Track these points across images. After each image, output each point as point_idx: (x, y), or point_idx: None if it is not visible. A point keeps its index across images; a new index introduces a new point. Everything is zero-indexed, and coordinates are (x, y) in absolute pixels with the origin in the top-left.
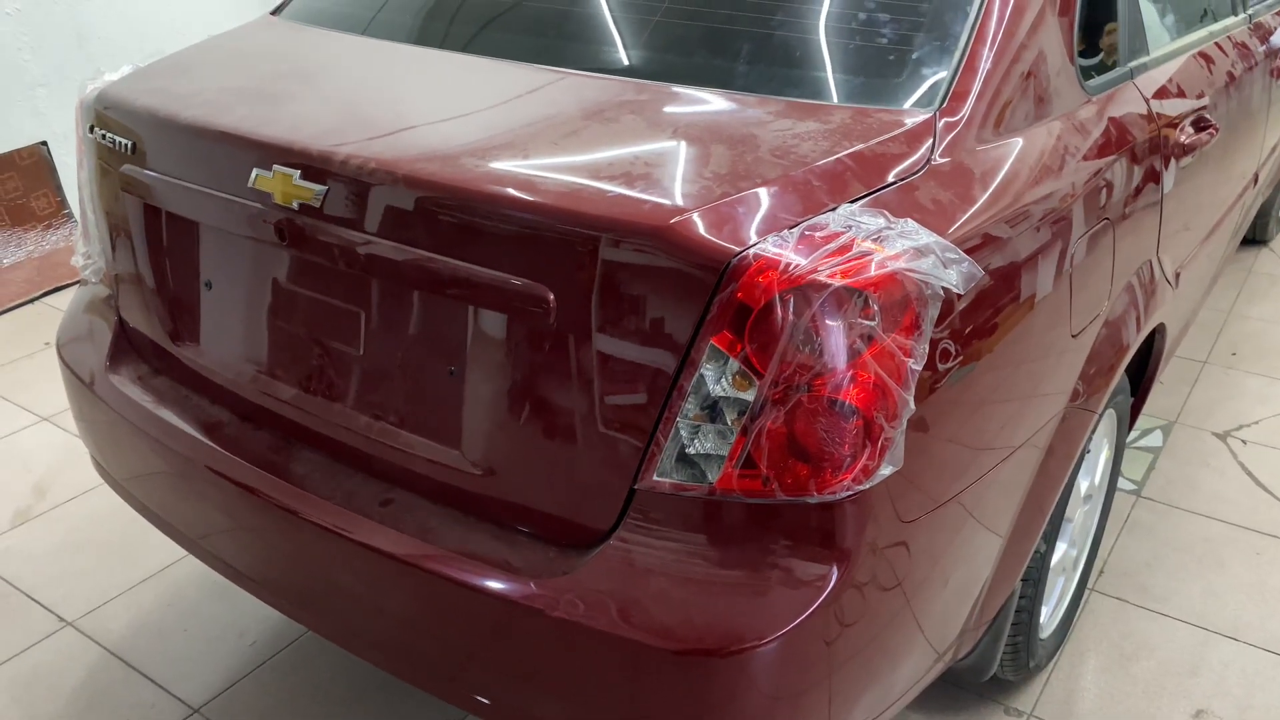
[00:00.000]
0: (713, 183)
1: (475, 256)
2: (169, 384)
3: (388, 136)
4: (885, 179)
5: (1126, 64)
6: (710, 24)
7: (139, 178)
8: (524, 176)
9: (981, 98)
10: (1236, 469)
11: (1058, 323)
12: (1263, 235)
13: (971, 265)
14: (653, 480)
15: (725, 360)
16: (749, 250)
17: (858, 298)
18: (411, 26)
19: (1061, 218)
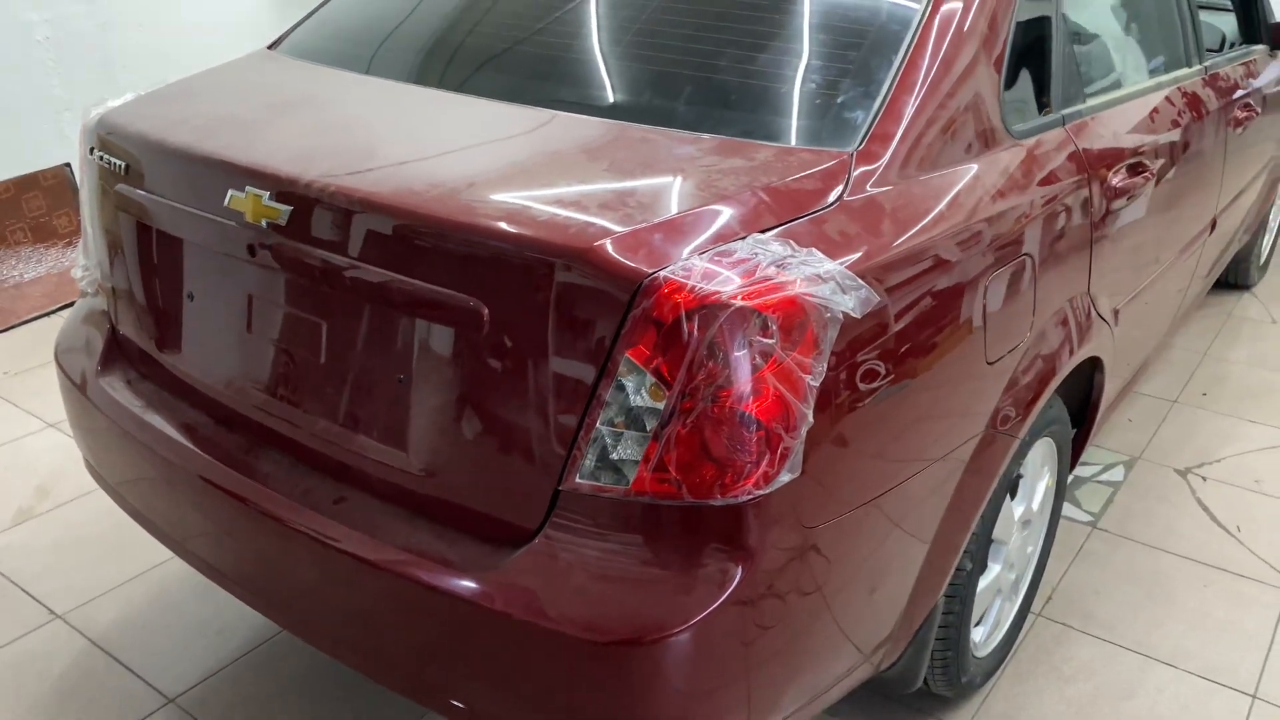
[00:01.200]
0: (636, 211)
1: (421, 274)
2: (154, 389)
3: (352, 164)
4: (797, 212)
5: (1058, 111)
6: (654, 66)
7: (132, 197)
8: (466, 202)
9: (900, 140)
10: (1194, 504)
11: (971, 350)
12: (1244, 280)
13: (869, 292)
14: (575, 482)
15: (640, 372)
16: (660, 272)
17: (758, 318)
18: (386, 63)
19: (973, 252)
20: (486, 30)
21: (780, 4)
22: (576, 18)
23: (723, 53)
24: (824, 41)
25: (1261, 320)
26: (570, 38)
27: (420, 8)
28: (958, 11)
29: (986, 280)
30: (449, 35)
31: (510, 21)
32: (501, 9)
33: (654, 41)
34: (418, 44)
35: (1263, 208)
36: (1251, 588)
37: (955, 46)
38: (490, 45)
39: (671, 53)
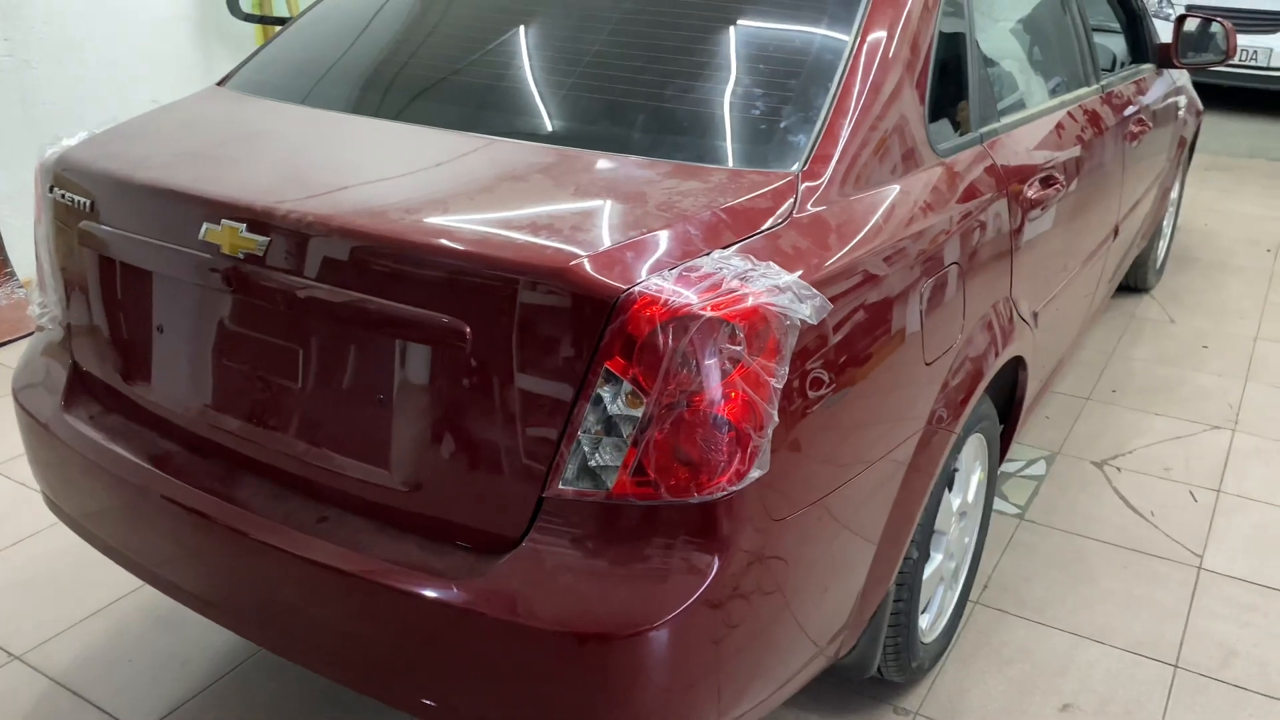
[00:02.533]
0: (607, 232)
1: (402, 297)
2: (121, 421)
3: (324, 193)
4: (753, 229)
5: (977, 130)
6: (611, 97)
7: (96, 233)
8: (445, 227)
9: (839, 160)
10: (1110, 493)
11: (911, 353)
12: (1143, 284)
13: (822, 300)
14: (558, 489)
15: (617, 382)
16: (634, 287)
17: (726, 327)
18: (346, 97)
19: (909, 262)
20: (448, 61)
21: (725, 37)
22: (537, 51)
23: (674, 82)
24: (766, 71)
25: (1161, 320)
26: (532, 70)
27: (373, 41)
28: (883, 40)
29: (922, 287)
30: (400, 68)
31: (470, 53)
32: (455, 41)
33: (613, 72)
34: (374, 76)
35: (1157, 215)
36: (1166, 566)
37: (882, 72)
38: (452, 77)
39: (629, 83)
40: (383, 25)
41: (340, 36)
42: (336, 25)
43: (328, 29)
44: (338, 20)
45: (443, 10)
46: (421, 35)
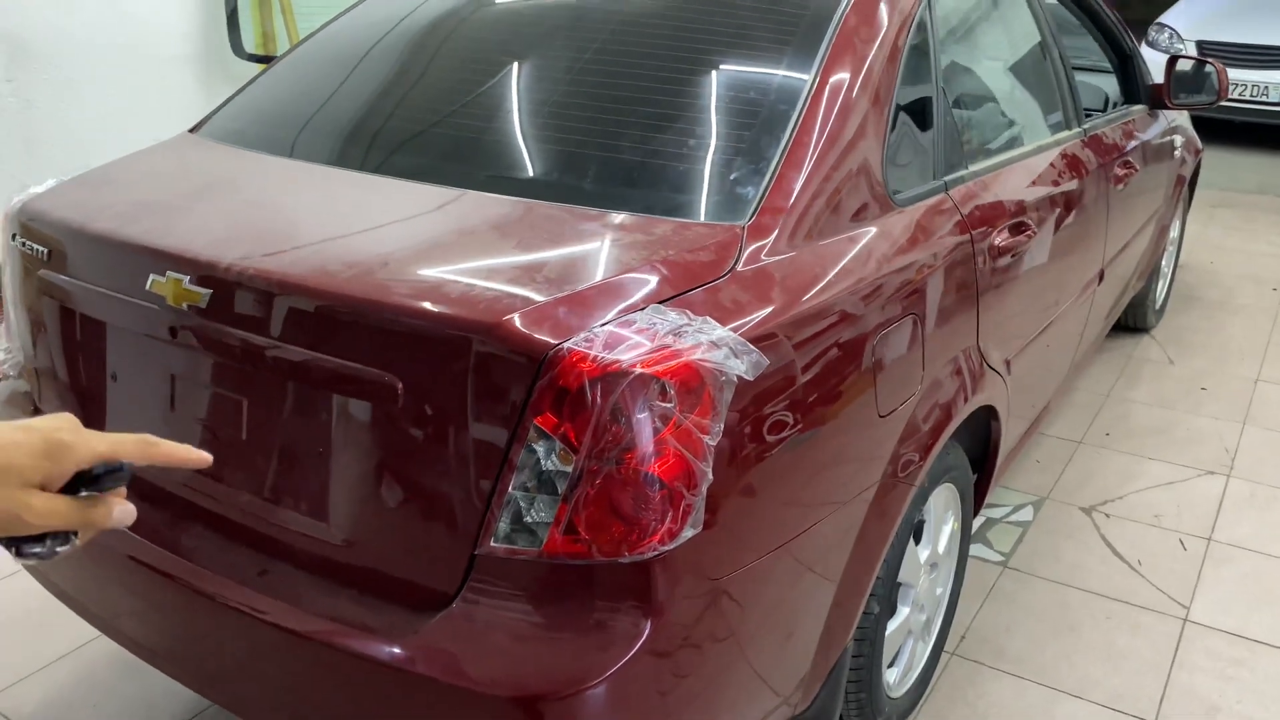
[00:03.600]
0: (542, 285)
1: (337, 350)
2: None
3: (270, 246)
4: (692, 283)
5: (941, 178)
6: (558, 146)
7: (55, 282)
8: (379, 280)
9: (787, 213)
10: (1098, 540)
11: (863, 404)
12: (1143, 324)
13: (759, 356)
14: (490, 546)
15: (548, 438)
16: (564, 343)
17: (656, 383)
18: (308, 146)
19: (859, 313)
20: (401, 113)
21: (677, 86)
22: (485, 101)
23: (623, 133)
24: (717, 121)
25: (1160, 361)
26: (480, 119)
27: (339, 92)
28: (842, 89)
29: (874, 340)
30: (365, 118)
31: (424, 104)
32: (416, 93)
33: (558, 123)
34: (335, 126)
35: (1154, 254)
36: (1150, 618)
37: (840, 122)
38: (404, 127)
39: (575, 133)
40: (347, 74)
41: (307, 86)
42: (304, 75)
43: (296, 78)
44: (305, 70)
45: (409, 62)
46: (389, 87)
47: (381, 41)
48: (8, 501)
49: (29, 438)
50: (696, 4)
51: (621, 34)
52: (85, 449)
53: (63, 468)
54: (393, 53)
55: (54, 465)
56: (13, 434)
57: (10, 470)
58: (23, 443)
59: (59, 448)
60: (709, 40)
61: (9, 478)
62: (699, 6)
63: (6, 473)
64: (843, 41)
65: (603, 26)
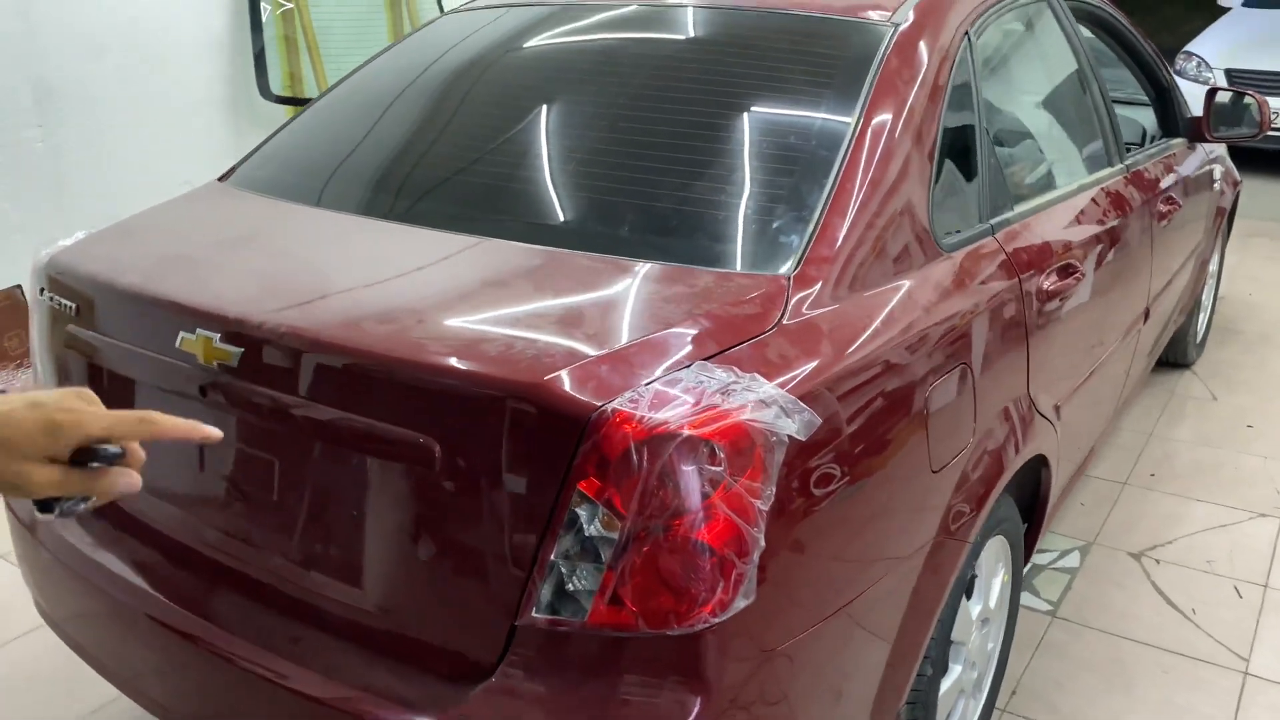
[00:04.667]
0: (583, 342)
1: (372, 411)
2: (106, 527)
3: (302, 302)
4: (738, 337)
5: (987, 221)
6: (595, 194)
7: (82, 337)
8: (414, 338)
9: (833, 262)
10: (1148, 588)
11: (915, 461)
12: (1183, 359)
13: (811, 415)
14: (531, 617)
15: (592, 504)
16: (608, 405)
17: (705, 446)
18: (339, 195)
19: (909, 365)
20: (432, 160)
21: (714, 132)
22: (517, 148)
23: (660, 180)
24: (757, 167)
25: (1203, 398)
26: (511, 167)
27: (368, 139)
28: (885, 132)
29: (926, 393)
30: (395, 166)
31: (453, 151)
32: (446, 140)
33: (593, 170)
34: (364, 174)
35: (1195, 289)
36: (1209, 671)
37: (883, 167)
38: (435, 175)
39: (610, 181)
40: (376, 121)
41: (336, 133)
42: (333, 122)
43: (325, 125)
44: (334, 117)
45: (439, 109)
46: (418, 134)
47: (410, 88)
48: (9, 474)
49: (33, 414)
50: (733, 46)
51: (656, 78)
52: (81, 430)
53: (60, 445)
54: (422, 99)
55: (52, 442)
56: (20, 410)
57: (9, 445)
58: (25, 420)
59: (57, 427)
60: (746, 83)
61: (10, 452)
62: (735, 49)
63: (6, 447)
64: (884, 83)
65: (637, 71)
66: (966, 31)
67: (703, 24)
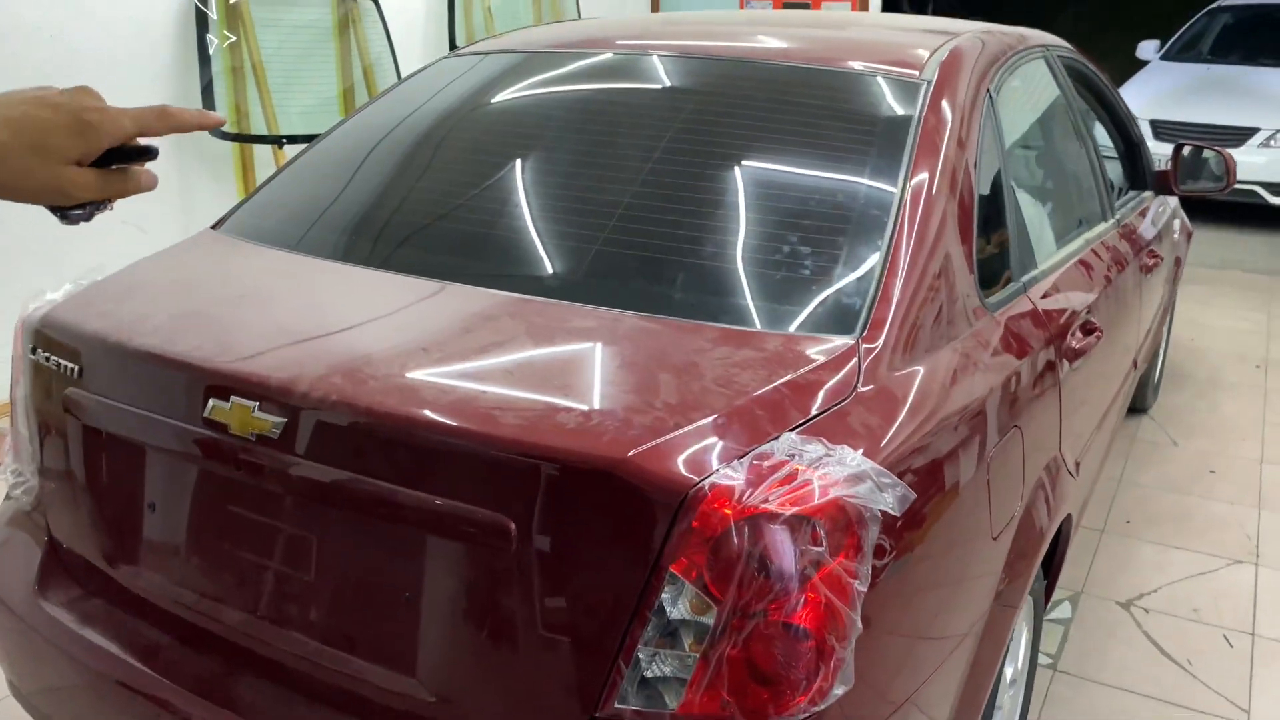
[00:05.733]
0: (664, 413)
1: (435, 487)
2: (103, 607)
3: (347, 367)
4: (819, 406)
5: (1019, 279)
6: (651, 253)
7: (83, 401)
8: (483, 408)
9: (896, 325)
10: (1142, 638)
11: (979, 530)
12: (1142, 404)
13: (905, 489)
14: (614, 708)
15: (685, 587)
16: (704, 481)
17: (806, 525)
18: (361, 247)
19: (977, 432)
20: (463, 213)
21: (767, 189)
22: (559, 200)
23: (716, 237)
24: (812, 228)
25: (1164, 443)
26: (555, 220)
27: (382, 188)
28: (930, 192)
29: (988, 458)
30: (418, 217)
31: (483, 203)
32: (472, 190)
33: (651, 226)
34: (384, 226)
35: (1158, 336)
36: None
37: (932, 226)
38: (464, 227)
39: (669, 238)
40: (399, 164)
41: (347, 180)
42: (345, 164)
43: (336, 168)
44: (346, 158)
45: (465, 154)
46: (441, 183)
47: (422, 133)
48: (54, 179)
49: (60, 117)
50: (772, 101)
51: (700, 133)
52: (114, 126)
53: (94, 146)
54: (438, 145)
55: (86, 144)
56: (44, 111)
57: (50, 149)
58: (58, 123)
59: (89, 128)
60: (790, 141)
61: (51, 155)
62: (775, 104)
63: (48, 151)
64: (925, 141)
65: (678, 126)
66: (988, 89)
67: (738, 78)
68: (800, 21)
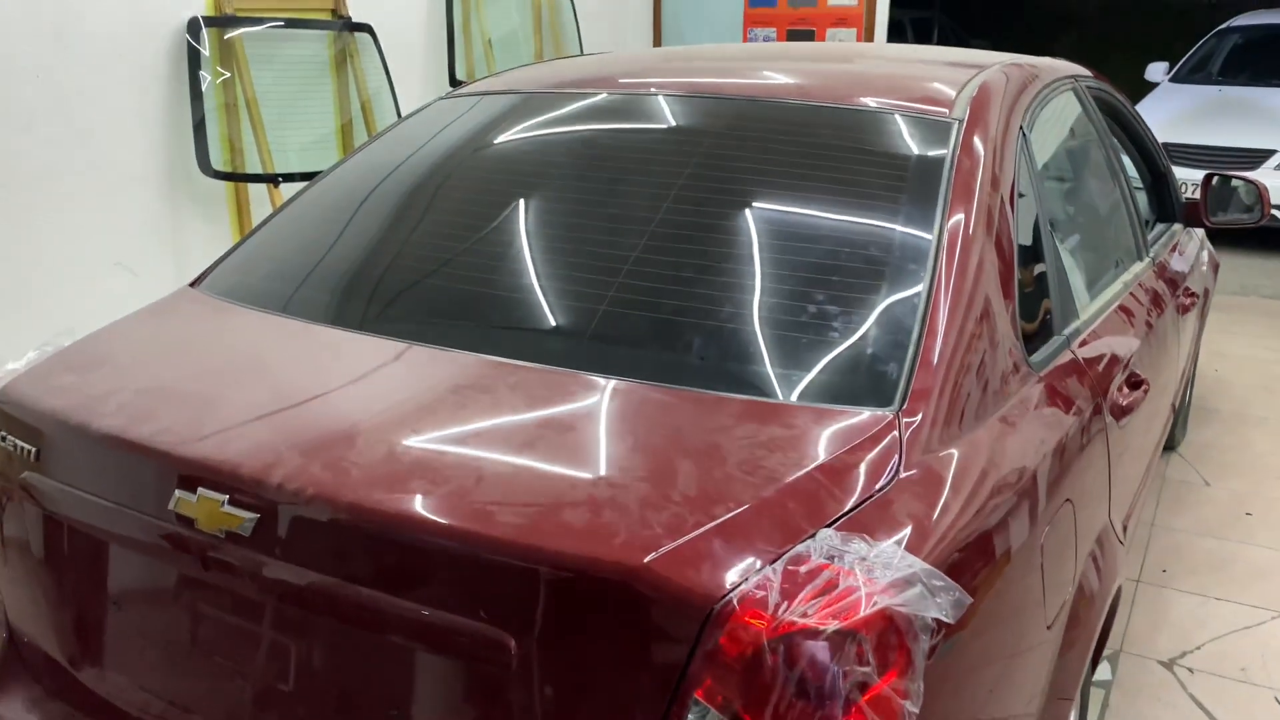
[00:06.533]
0: (684, 508)
1: (424, 595)
2: (65, 710)
3: (326, 453)
4: (858, 495)
5: (1061, 331)
6: (661, 314)
7: (41, 486)
8: (478, 504)
9: (940, 395)
10: (1188, 702)
11: (1035, 623)
12: (1171, 441)
13: (960, 593)
14: None
15: (710, 715)
16: (733, 593)
17: (851, 641)
18: (346, 308)
19: (1030, 512)
20: (452, 272)
21: (789, 243)
22: (557, 258)
23: (735, 297)
24: (840, 284)
25: (1195, 483)
26: (555, 279)
27: (374, 243)
28: (968, 241)
29: (1041, 539)
30: (413, 276)
31: (478, 260)
32: (467, 247)
33: (658, 284)
34: (376, 286)
35: (1189, 371)
36: None
37: (972, 280)
38: (457, 290)
39: (679, 297)
40: (393, 217)
41: (340, 230)
42: (336, 216)
43: (326, 220)
44: (337, 209)
45: (455, 208)
46: (439, 232)
47: (417, 181)
48: None
49: None
50: (792, 145)
51: (725, 184)
52: None
53: None
54: (443, 193)
55: None
56: None
57: None
58: None
59: None
60: (813, 186)
61: None
62: (795, 147)
63: None
64: (960, 186)
65: (688, 173)
66: (1020, 125)
67: (754, 119)
68: (815, 55)
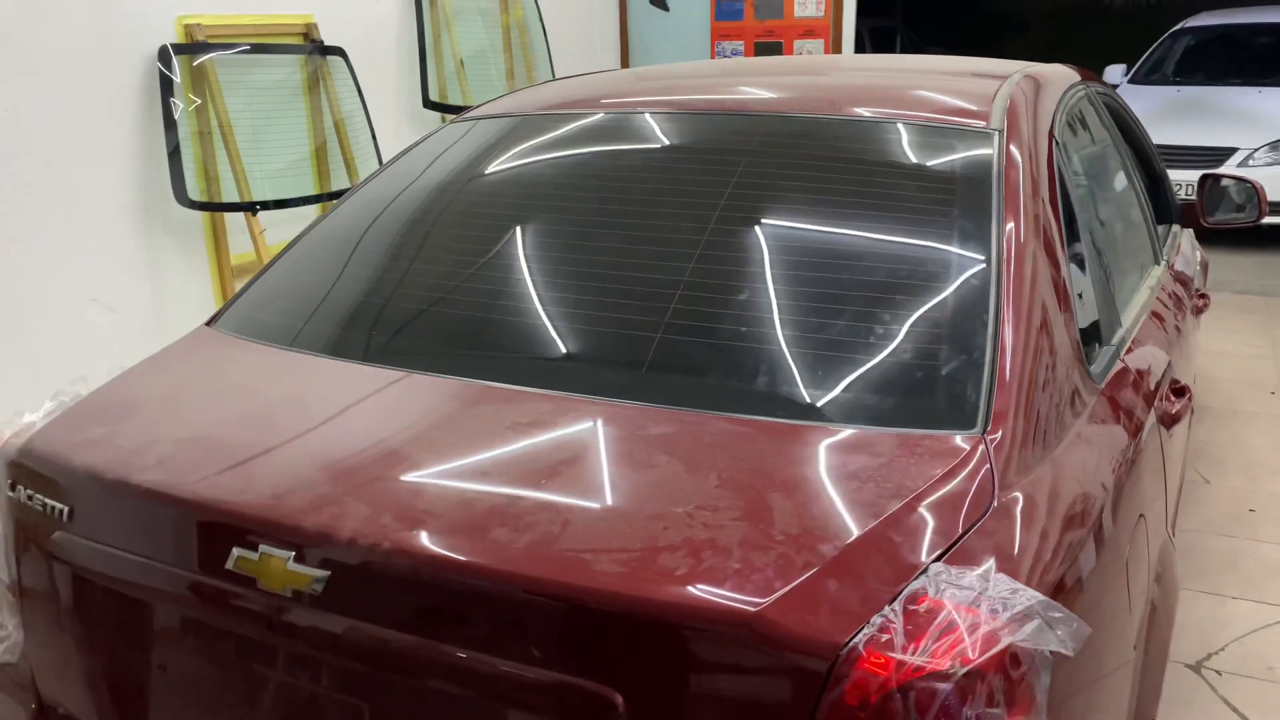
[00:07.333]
0: (787, 547)
1: (519, 653)
2: None
3: (397, 501)
4: (959, 526)
5: (1110, 340)
6: (725, 340)
7: (73, 547)
8: (571, 552)
9: (1020, 413)
10: (1221, 706)
11: (1125, 640)
12: None
13: (1079, 624)
14: None
15: None
16: (854, 639)
17: (981, 682)
18: (381, 342)
19: (1115, 531)
20: (509, 295)
21: (847, 262)
22: (619, 283)
23: (799, 319)
24: (907, 303)
25: (1195, 480)
26: (616, 308)
27: (407, 273)
28: (1024, 255)
29: (1125, 557)
30: (466, 302)
31: (537, 286)
32: (511, 276)
33: (716, 309)
34: (426, 320)
35: None
36: None
37: (1033, 293)
38: (519, 316)
39: (742, 323)
40: (431, 244)
41: (364, 267)
42: (364, 244)
43: (352, 249)
44: (363, 236)
45: (505, 228)
46: (473, 265)
47: (461, 202)
48: None
49: None
50: (843, 160)
51: (772, 202)
52: None
53: None
54: (472, 223)
55: None
56: None
57: None
58: None
59: None
60: (866, 202)
61: None
62: (845, 163)
63: None
64: (1010, 198)
65: (750, 192)
66: (1052, 133)
67: (793, 135)
68: (829, 68)
